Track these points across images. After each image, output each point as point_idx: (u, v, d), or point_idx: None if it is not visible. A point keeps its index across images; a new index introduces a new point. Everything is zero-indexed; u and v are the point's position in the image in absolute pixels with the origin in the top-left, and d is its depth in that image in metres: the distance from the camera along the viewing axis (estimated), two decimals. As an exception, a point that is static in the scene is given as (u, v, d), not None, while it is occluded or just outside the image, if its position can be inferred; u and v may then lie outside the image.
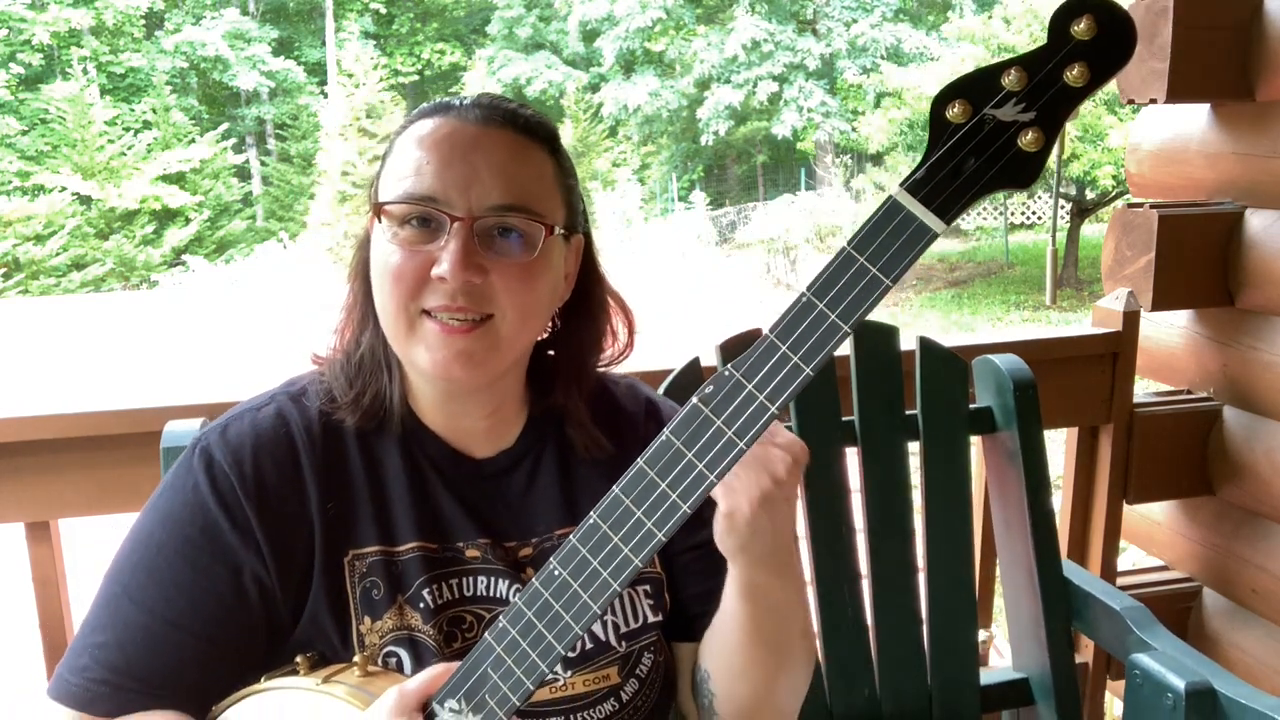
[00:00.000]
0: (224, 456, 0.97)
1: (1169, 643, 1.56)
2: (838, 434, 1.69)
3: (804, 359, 0.77)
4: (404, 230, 0.94)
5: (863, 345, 1.70)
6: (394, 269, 0.94)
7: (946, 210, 0.74)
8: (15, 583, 1.97)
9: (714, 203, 23.56)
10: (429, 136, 0.96)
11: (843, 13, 23.05)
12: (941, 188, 0.74)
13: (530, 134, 0.99)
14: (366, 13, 28.60)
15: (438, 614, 0.99)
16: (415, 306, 0.94)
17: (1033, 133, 0.72)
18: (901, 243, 0.75)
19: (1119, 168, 12.01)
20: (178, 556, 0.96)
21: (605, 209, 21.60)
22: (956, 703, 1.73)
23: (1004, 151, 0.73)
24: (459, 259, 0.91)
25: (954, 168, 0.73)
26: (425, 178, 0.94)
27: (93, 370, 11.91)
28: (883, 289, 0.75)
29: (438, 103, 1.00)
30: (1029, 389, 1.71)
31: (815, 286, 0.77)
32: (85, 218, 21.74)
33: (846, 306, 0.76)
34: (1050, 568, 1.72)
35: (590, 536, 0.83)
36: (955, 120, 0.73)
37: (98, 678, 0.95)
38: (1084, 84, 0.71)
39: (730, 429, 0.79)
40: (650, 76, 24.43)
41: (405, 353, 0.97)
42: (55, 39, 24.57)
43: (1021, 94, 0.72)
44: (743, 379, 0.78)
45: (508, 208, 0.95)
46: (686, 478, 0.80)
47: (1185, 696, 1.40)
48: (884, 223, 0.75)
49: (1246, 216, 2.10)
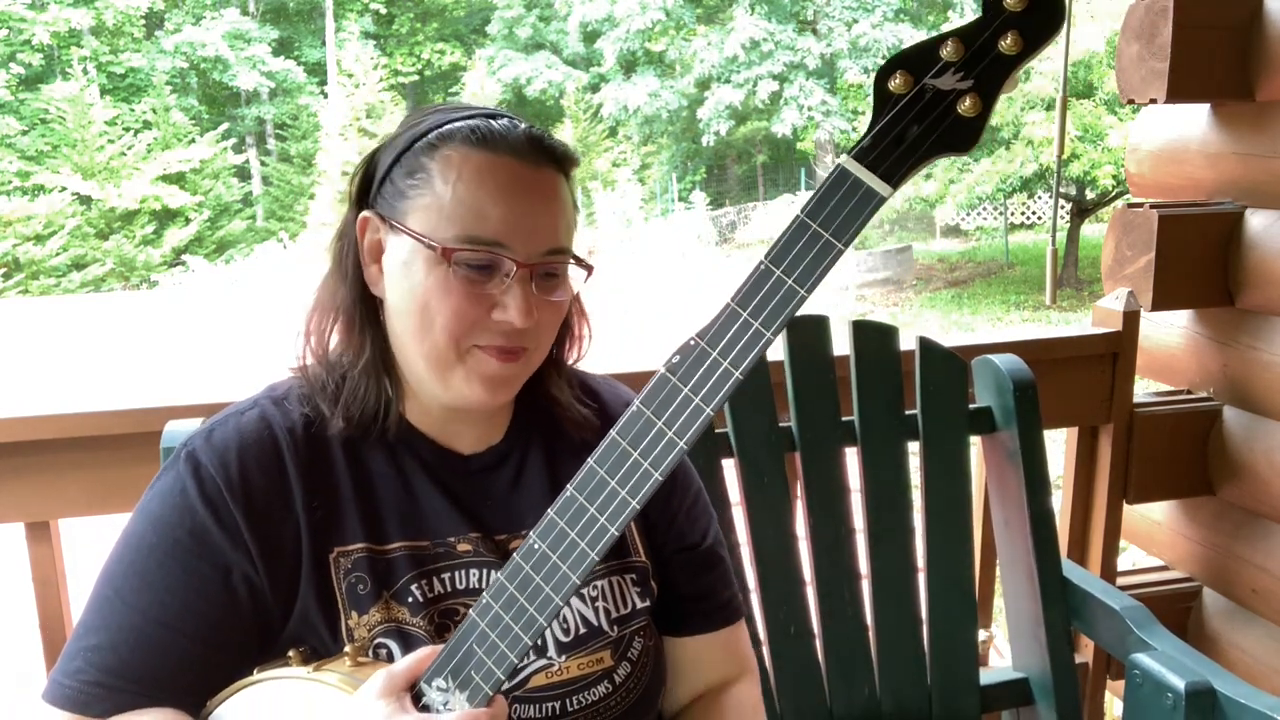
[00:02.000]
0: (210, 460, 0.99)
1: (1169, 642, 1.56)
2: (837, 434, 1.69)
3: (764, 324, 0.80)
4: (462, 270, 0.96)
5: (862, 345, 1.70)
6: (456, 308, 0.95)
7: (892, 175, 0.77)
8: (15, 583, 1.97)
9: (714, 203, 23.55)
10: (489, 177, 0.96)
11: (843, 13, 23.05)
12: (886, 154, 0.77)
13: (565, 171, 1.02)
14: (366, 13, 28.59)
15: (427, 607, 1.01)
16: (468, 343, 0.97)
17: (970, 99, 0.75)
18: (851, 208, 0.78)
19: (1119, 168, 12.01)
20: (168, 558, 0.97)
21: (605, 209, 21.59)
22: (956, 702, 1.73)
23: (944, 117, 0.76)
24: (526, 307, 0.96)
25: (897, 135, 0.77)
26: (491, 222, 0.95)
27: (93, 370, 11.92)
28: (836, 252, 0.79)
29: (481, 132, 0.98)
30: (1029, 389, 1.71)
31: (772, 255, 0.80)
32: (85, 218, 21.74)
33: (803, 271, 0.79)
34: (1050, 567, 1.72)
35: (567, 509, 0.86)
36: (897, 91, 0.77)
37: (92, 680, 0.96)
38: (1018, 52, 0.75)
39: (697, 396, 0.82)
40: (650, 77, 24.43)
41: (444, 379, 0.99)
42: (55, 39, 24.56)
43: (959, 64, 0.76)
44: (707, 347, 0.82)
45: (557, 251, 0.99)
46: (657, 445, 0.83)
47: (1185, 696, 1.41)
48: (834, 190, 0.78)
49: (1246, 216, 2.10)
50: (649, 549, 1.13)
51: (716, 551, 1.18)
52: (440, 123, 1.00)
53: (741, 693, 1.19)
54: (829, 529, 1.67)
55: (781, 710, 1.64)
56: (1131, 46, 2.12)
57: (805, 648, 1.66)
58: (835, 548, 1.67)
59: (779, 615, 1.64)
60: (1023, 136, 12.79)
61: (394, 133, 1.04)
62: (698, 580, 1.16)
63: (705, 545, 1.17)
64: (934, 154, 0.77)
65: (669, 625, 1.15)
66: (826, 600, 1.67)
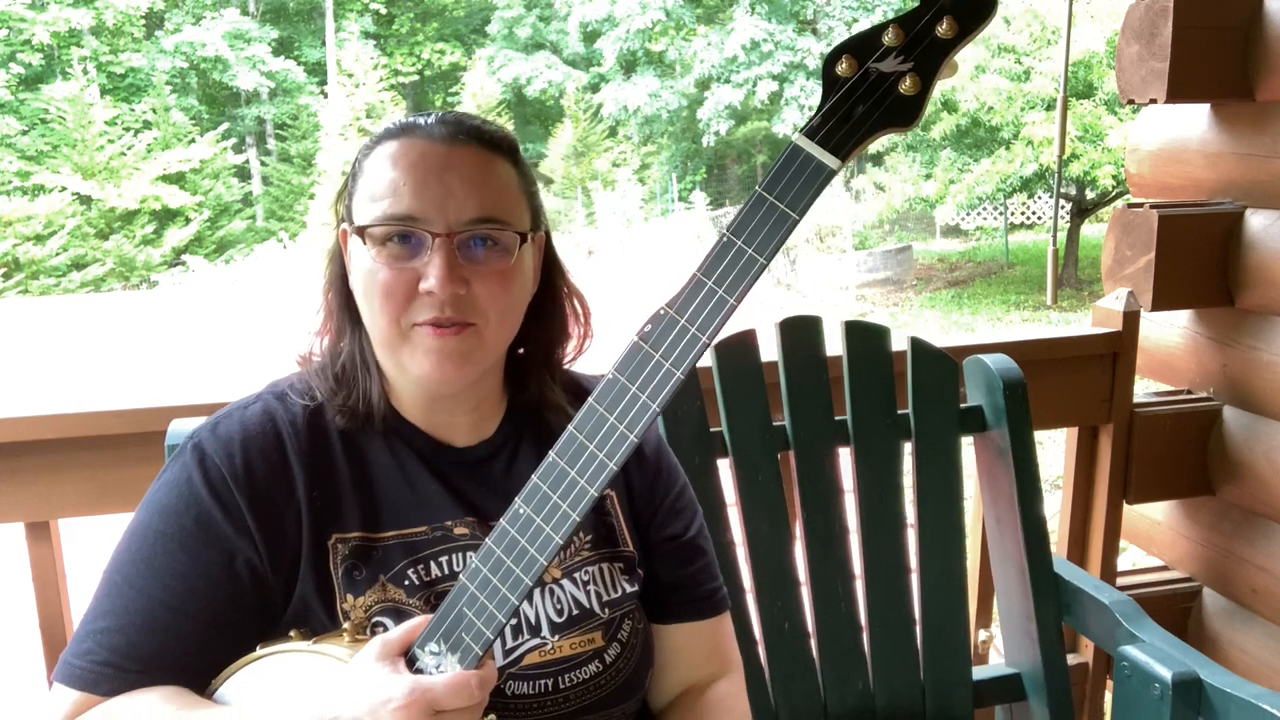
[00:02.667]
0: (215, 450, 1.03)
1: (1157, 635, 1.58)
2: (831, 433, 1.70)
3: (728, 291, 0.86)
4: (386, 248, 1.00)
5: (855, 346, 1.70)
6: (382, 286, 1.00)
7: (840, 149, 0.84)
8: (15, 583, 1.97)
9: (714, 203, 23.55)
10: (402, 158, 1.01)
11: (843, 12, 23.06)
12: (835, 131, 0.84)
13: (494, 148, 1.05)
14: (366, 13, 28.60)
15: (423, 590, 1.05)
16: (406, 320, 1.01)
17: (910, 79, 0.82)
18: (804, 181, 0.85)
19: (1119, 168, 12.02)
20: (174, 545, 1.01)
21: (605, 209, 21.60)
22: (950, 698, 1.74)
23: (886, 96, 0.83)
24: (444, 273, 0.98)
25: (845, 113, 0.84)
26: (403, 198, 1.00)
27: (93, 370, 11.92)
28: (791, 223, 0.85)
29: (402, 123, 1.05)
30: (1018, 388, 1.72)
31: (733, 227, 0.86)
32: (85, 218, 21.74)
33: (761, 240, 0.85)
34: (1040, 564, 1.73)
35: (549, 473, 0.90)
36: (844, 74, 0.84)
37: (101, 660, 1.00)
38: (953, 36, 0.81)
39: (668, 361, 0.87)
40: (650, 77, 24.43)
41: (397, 361, 1.04)
42: (55, 39, 24.56)
43: (900, 48, 0.82)
44: (676, 315, 0.87)
45: (482, 220, 1.01)
46: (632, 409, 0.88)
47: (1172, 686, 1.43)
48: (787, 165, 0.85)
49: (1246, 216, 2.10)
50: (635, 539, 1.17)
51: (699, 544, 1.22)
52: (380, 129, 1.07)
53: (724, 689, 1.21)
54: (823, 527, 1.68)
55: (776, 706, 1.65)
56: (1131, 46, 2.12)
57: (800, 645, 1.67)
58: (829, 546, 1.68)
59: (774, 613, 1.65)
60: (1023, 136, 12.79)
61: None
62: (680, 570, 1.20)
63: (688, 537, 1.20)
64: (878, 129, 0.84)
65: (654, 613, 1.19)
66: (821, 598, 1.68)
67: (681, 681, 1.21)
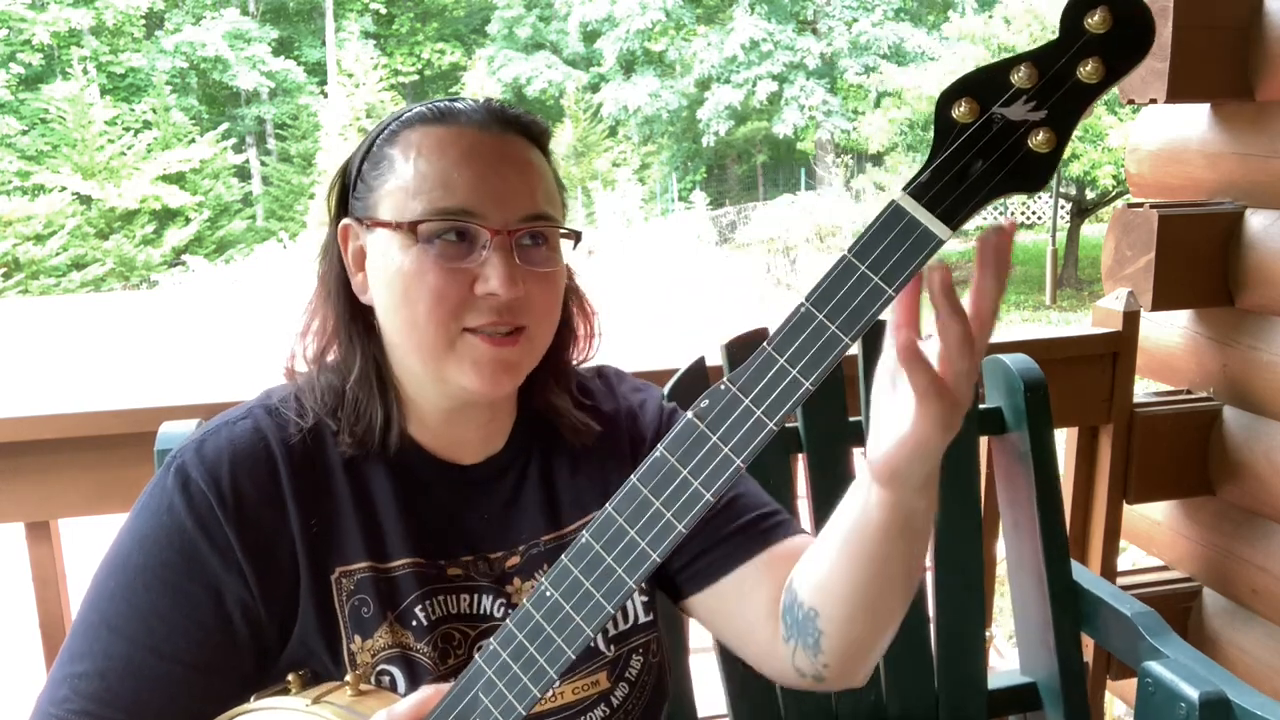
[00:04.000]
0: (201, 475, 0.92)
1: (1181, 650, 1.53)
2: (846, 434, 1.67)
3: (803, 372, 0.73)
4: (434, 246, 0.90)
5: (872, 345, 1.69)
6: (433, 289, 0.90)
7: (952, 216, 0.69)
8: (15, 583, 1.97)
9: (714, 203, 23.55)
10: (451, 146, 0.92)
11: (843, 12, 23.06)
12: (947, 192, 0.69)
13: (536, 139, 0.97)
14: (366, 13, 28.59)
15: (431, 631, 0.97)
16: (457, 326, 0.91)
17: (1044, 132, 0.67)
18: (905, 251, 0.70)
19: (1119, 168, 12.01)
20: (157, 581, 0.91)
21: (605, 209, 21.59)
22: (963, 706, 1.71)
23: (1014, 153, 0.68)
24: (508, 274, 0.89)
25: (960, 170, 0.69)
26: (457, 191, 0.90)
27: (93, 370, 11.91)
28: (885, 299, 0.70)
29: (438, 108, 0.95)
30: (1040, 389, 1.68)
31: (814, 296, 0.72)
32: (85, 218, 21.73)
33: (847, 317, 0.71)
34: (1059, 571, 1.70)
35: (583, 556, 0.79)
36: (962, 120, 0.68)
37: (78, 709, 0.90)
38: (1099, 80, 0.66)
39: (726, 445, 0.75)
40: (650, 77, 24.44)
41: (442, 372, 0.93)
42: (55, 39, 24.56)
43: (1032, 91, 0.67)
44: (739, 393, 0.75)
45: (537, 217, 0.93)
46: (682, 495, 0.77)
47: (1199, 706, 1.38)
48: (886, 229, 0.70)
49: (1246, 216, 2.10)
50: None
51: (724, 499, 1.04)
52: (400, 113, 0.97)
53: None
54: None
55: (786, 715, 1.63)
56: (1131, 46, 2.11)
57: (809, 650, 1.65)
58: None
59: (783, 616, 1.63)
60: (1023, 136, 12.78)
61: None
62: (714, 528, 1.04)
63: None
64: (1000, 192, 0.69)
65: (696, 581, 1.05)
66: (831, 602, 1.66)
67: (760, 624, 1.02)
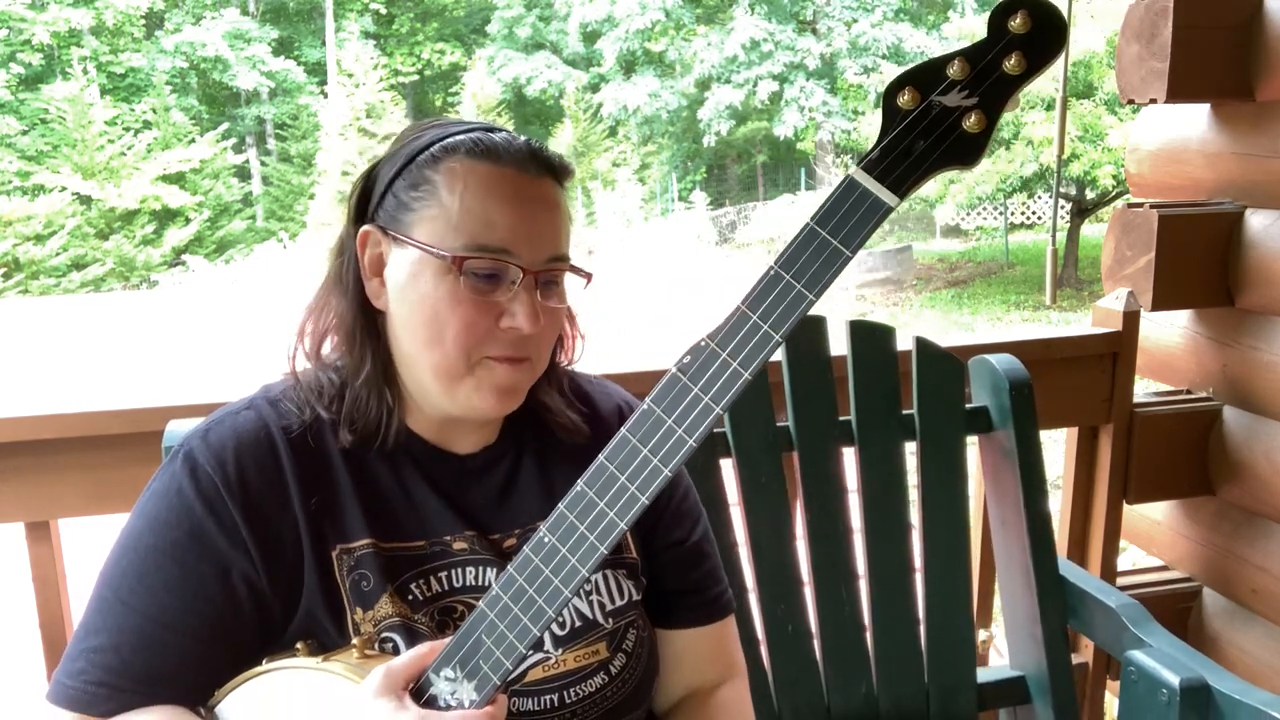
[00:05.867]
0: (207, 460, 1.00)
1: (1164, 639, 1.57)
2: (834, 434, 1.69)
3: (773, 326, 0.83)
4: (467, 278, 0.97)
5: (859, 345, 1.70)
6: (466, 318, 0.97)
7: (899, 186, 0.80)
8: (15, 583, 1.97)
9: (714, 203, 23.57)
10: (497, 188, 0.99)
11: (843, 12, 23.06)
12: (894, 166, 0.80)
13: (561, 181, 1.05)
14: (366, 13, 28.60)
15: (426, 605, 1.03)
16: (479, 354, 0.99)
17: (975, 115, 0.79)
18: (859, 217, 0.81)
19: (1119, 168, 12.02)
20: (166, 559, 0.98)
21: (605, 209, 21.60)
22: (954, 701, 1.73)
23: (949, 133, 0.80)
24: (533, 312, 0.98)
25: (905, 148, 0.80)
26: (497, 230, 0.97)
27: (93, 370, 11.92)
28: (843, 259, 0.81)
29: (483, 145, 1.01)
30: (1025, 388, 1.71)
31: (782, 260, 0.83)
32: (85, 218, 21.75)
33: (811, 276, 0.82)
34: (1046, 566, 1.72)
35: (577, 503, 0.87)
36: (905, 107, 0.80)
37: (95, 680, 0.97)
38: (1020, 72, 0.78)
39: (706, 395, 0.85)
40: (650, 77, 24.44)
41: (452, 391, 1.00)
42: (55, 39, 24.57)
43: (964, 82, 0.79)
44: (717, 348, 0.84)
45: (559, 259, 1.02)
46: (667, 442, 0.86)
47: (1180, 692, 1.41)
48: (843, 199, 0.81)
49: (1246, 216, 2.10)
50: (639, 544, 1.15)
51: (704, 548, 1.19)
52: (440, 137, 1.02)
53: (729, 694, 1.20)
54: (826, 528, 1.67)
55: (779, 709, 1.65)
56: (1131, 46, 2.12)
57: (803, 647, 1.66)
58: (833, 547, 1.68)
59: (777, 614, 1.64)
60: (1023, 136, 12.79)
61: (392, 149, 1.06)
62: (685, 575, 1.18)
63: (692, 541, 1.18)
64: (939, 167, 0.80)
65: (658, 618, 1.17)
66: (824, 599, 1.67)
67: (685, 686, 1.19)
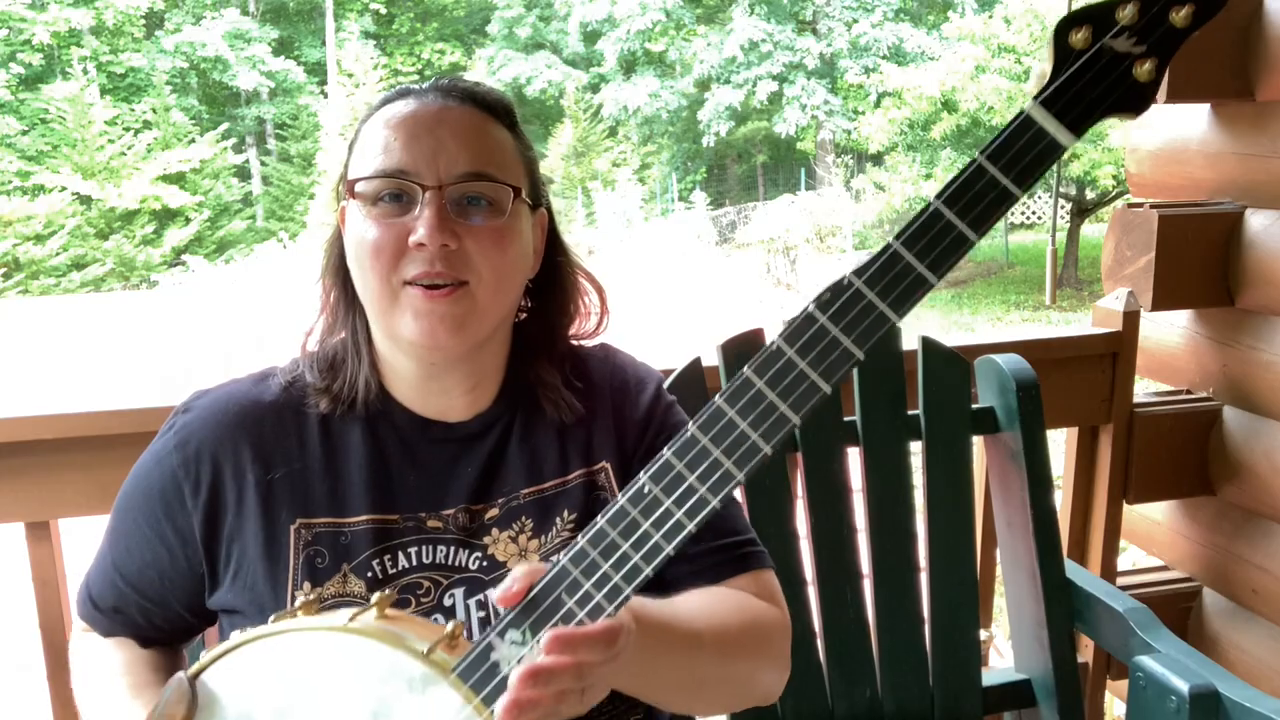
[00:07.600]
0: (180, 429, 1.06)
1: (1172, 645, 1.56)
2: (840, 434, 1.69)
3: (930, 267, 0.77)
4: (377, 207, 0.99)
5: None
6: (373, 243, 0.98)
7: (1078, 125, 0.77)
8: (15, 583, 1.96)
9: (714, 203, 23.54)
10: (394, 118, 1.01)
11: (843, 12, 23.05)
12: (1072, 105, 0.77)
13: (489, 109, 1.05)
14: (366, 13, 28.59)
15: (385, 583, 1.03)
16: (397, 278, 0.98)
17: (1148, 64, 0.77)
18: (1035, 155, 0.77)
19: (1119, 168, 12.01)
20: (133, 512, 1.07)
21: (605, 209, 21.59)
22: (958, 703, 1.72)
23: (1123, 80, 0.77)
24: (434, 223, 0.96)
25: (1080, 90, 0.77)
26: (394, 154, 0.99)
27: (93, 370, 11.91)
28: (1011, 200, 0.77)
29: (399, 89, 1.06)
30: (1032, 389, 1.70)
31: (945, 196, 0.77)
32: (85, 218, 21.74)
33: (976, 216, 0.77)
34: (1052, 568, 1.71)
35: (687, 450, 0.81)
36: (1078, 46, 0.77)
37: (85, 594, 1.12)
38: (1188, 24, 0.76)
39: (849, 336, 0.79)
40: (650, 77, 24.44)
41: (390, 326, 1.01)
42: (55, 39, 24.55)
43: (1135, 28, 0.77)
44: (864, 287, 0.79)
45: (474, 175, 1.00)
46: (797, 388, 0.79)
47: (1189, 699, 1.40)
48: (1017, 135, 0.77)
49: (1246, 216, 2.10)
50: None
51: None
52: (383, 95, 1.08)
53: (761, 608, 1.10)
54: (831, 528, 1.67)
55: (783, 711, 1.64)
56: (1132, 46, 2.11)
57: (807, 648, 1.66)
58: (837, 547, 1.67)
59: (779, 615, 1.64)
60: (1023, 136, 12.77)
61: None
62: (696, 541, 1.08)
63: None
64: (1111, 112, 0.78)
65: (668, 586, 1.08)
66: (828, 600, 1.67)
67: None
